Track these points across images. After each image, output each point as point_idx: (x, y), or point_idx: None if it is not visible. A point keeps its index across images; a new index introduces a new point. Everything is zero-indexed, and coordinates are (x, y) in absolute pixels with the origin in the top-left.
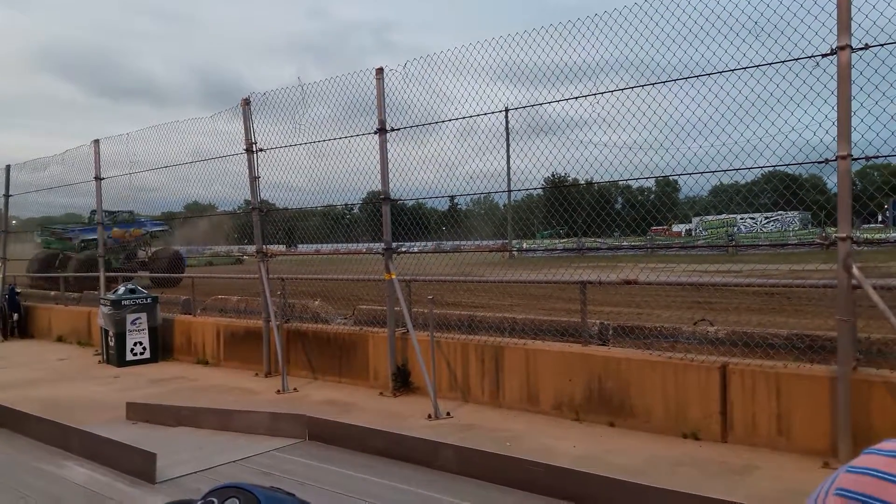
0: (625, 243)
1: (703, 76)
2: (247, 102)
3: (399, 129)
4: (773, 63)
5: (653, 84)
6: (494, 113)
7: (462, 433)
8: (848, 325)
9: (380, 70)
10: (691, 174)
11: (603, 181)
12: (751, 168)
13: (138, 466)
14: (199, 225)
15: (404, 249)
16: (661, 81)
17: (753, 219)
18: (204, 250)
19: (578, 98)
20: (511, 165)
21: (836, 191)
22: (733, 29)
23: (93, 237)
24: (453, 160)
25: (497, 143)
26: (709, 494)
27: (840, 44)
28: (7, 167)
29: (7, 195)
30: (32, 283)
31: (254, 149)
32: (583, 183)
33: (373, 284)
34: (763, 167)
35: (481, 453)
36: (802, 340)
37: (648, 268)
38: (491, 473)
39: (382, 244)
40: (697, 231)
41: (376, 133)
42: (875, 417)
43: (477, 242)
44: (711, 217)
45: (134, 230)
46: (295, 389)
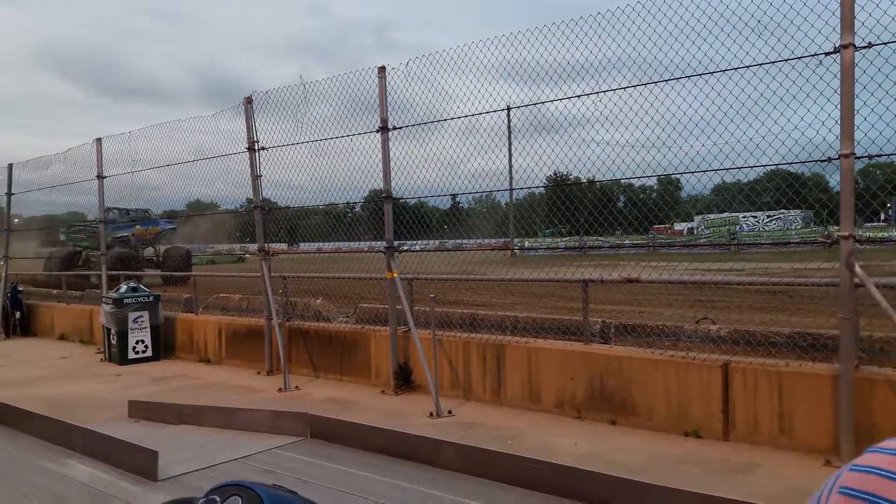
0: (627, 242)
1: (706, 74)
2: (249, 101)
3: (401, 128)
4: (777, 61)
5: (655, 82)
6: (497, 111)
7: (464, 431)
8: (850, 324)
9: (382, 69)
10: (694, 172)
11: (605, 179)
12: (753, 166)
13: (140, 464)
14: (202, 223)
15: (406, 248)
16: (664, 80)
17: (756, 217)
18: (206, 248)
19: (581, 96)
20: (513, 164)
21: (839, 189)
22: (736, 27)
23: (122, 234)
24: (455, 159)
25: (499, 142)
26: (710, 492)
27: (843, 42)
28: (9, 165)
29: (9, 193)
30: (49, 281)
31: (256, 147)
32: (585, 181)
33: (374, 283)
34: (766, 165)
35: (483, 451)
36: (804, 339)
37: (650, 266)
38: (492, 471)
39: (384, 242)
40: (699, 229)
41: (378, 131)
42: (877, 415)
43: (479, 241)
44: (714, 215)
45: (152, 228)
46: (297, 387)
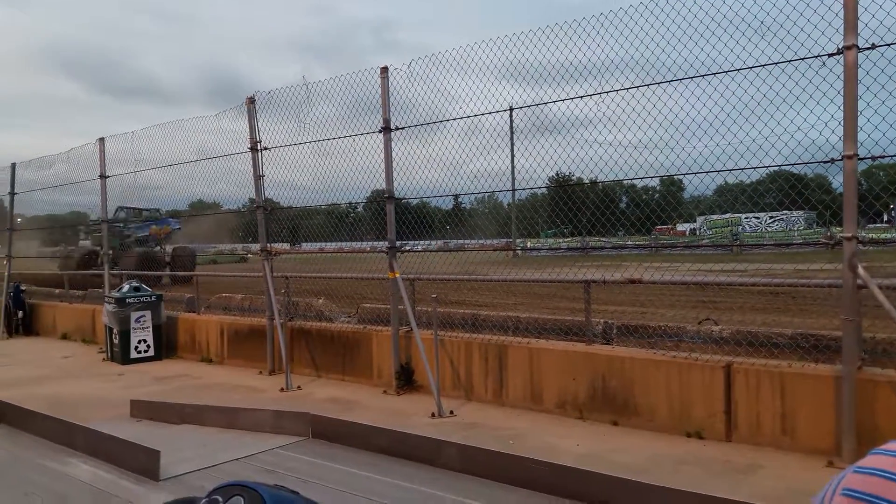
0: (629, 242)
1: (709, 75)
2: (252, 101)
3: (403, 128)
4: (779, 62)
5: (658, 83)
6: (499, 112)
7: (465, 431)
8: (853, 325)
9: (384, 69)
10: (696, 173)
11: (607, 180)
12: (756, 167)
13: (142, 464)
14: (204, 223)
15: (408, 248)
16: (667, 81)
17: (758, 218)
18: (208, 248)
19: (583, 97)
20: (515, 164)
21: (842, 190)
22: (739, 28)
23: (143, 234)
24: (457, 159)
25: (501, 142)
26: (712, 493)
27: (847, 43)
28: (12, 165)
29: (12, 193)
30: (72, 280)
31: (258, 147)
32: (587, 182)
33: (377, 283)
34: (768, 167)
35: (485, 451)
36: (807, 340)
37: (653, 267)
38: (494, 472)
39: (386, 243)
40: (702, 230)
41: (381, 132)
42: (880, 417)
43: (481, 241)
44: (716, 216)
45: (165, 227)
46: (299, 387)
